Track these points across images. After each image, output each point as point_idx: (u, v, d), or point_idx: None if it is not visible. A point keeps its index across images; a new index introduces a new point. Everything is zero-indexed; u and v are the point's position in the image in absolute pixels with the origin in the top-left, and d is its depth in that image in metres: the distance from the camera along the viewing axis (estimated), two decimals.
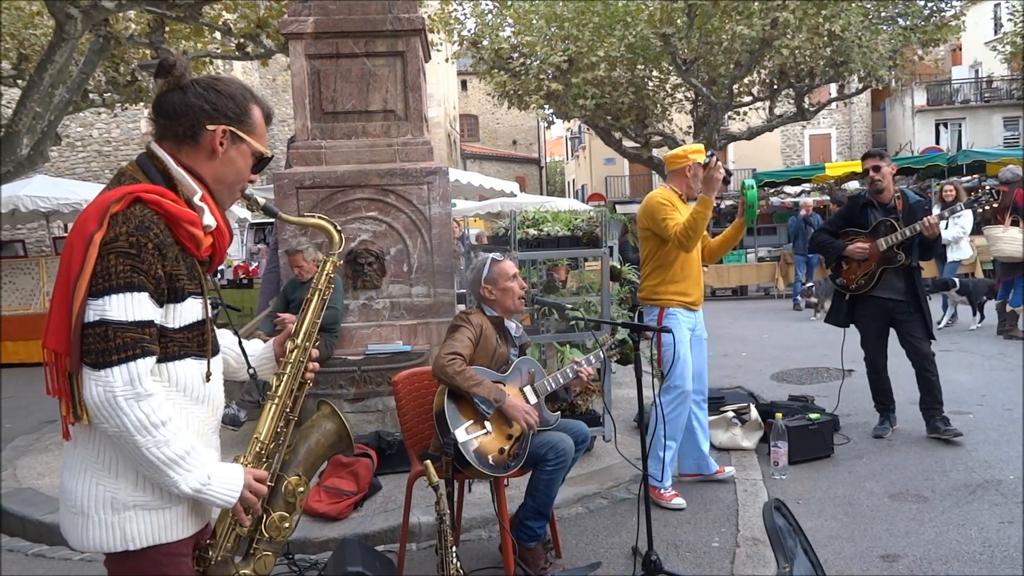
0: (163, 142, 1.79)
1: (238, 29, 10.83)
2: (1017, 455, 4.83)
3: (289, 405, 1.92)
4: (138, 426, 1.61)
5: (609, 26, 16.31)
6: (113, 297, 1.60)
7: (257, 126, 1.85)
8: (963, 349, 8.31)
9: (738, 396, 5.83)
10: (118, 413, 1.59)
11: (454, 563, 2.84)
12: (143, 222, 1.64)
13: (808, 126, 31.71)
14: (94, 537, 1.69)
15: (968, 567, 3.41)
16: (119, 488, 1.69)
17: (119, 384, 1.59)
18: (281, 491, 1.89)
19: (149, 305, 1.64)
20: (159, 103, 1.79)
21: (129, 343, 1.60)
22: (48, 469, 5.35)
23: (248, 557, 1.85)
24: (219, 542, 1.81)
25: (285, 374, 1.93)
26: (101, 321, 1.60)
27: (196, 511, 1.79)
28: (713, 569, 3.53)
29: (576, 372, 3.51)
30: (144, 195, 1.67)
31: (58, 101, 8.54)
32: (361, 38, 5.75)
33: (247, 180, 1.88)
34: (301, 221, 2.14)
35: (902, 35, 16.78)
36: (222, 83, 1.82)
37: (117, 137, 19.30)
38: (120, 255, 1.61)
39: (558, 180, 49.94)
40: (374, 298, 5.76)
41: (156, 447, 1.62)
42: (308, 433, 2.02)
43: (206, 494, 1.70)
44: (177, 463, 1.65)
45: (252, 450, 1.86)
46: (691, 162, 4.31)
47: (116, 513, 1.69)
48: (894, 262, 5.17)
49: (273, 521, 1.86)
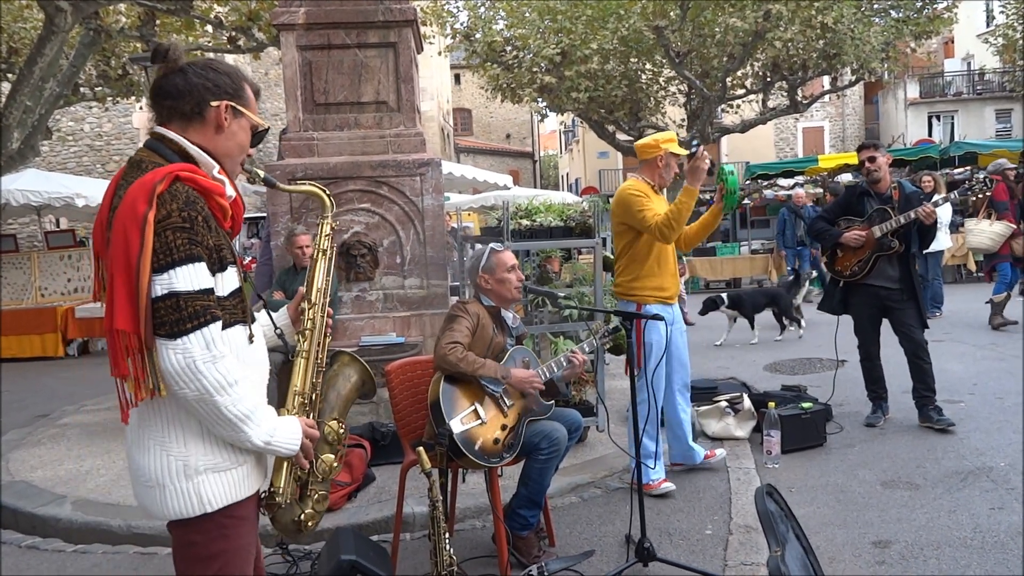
0: (170, 124, 1.86)
1: (229, 22, 10.78)
2: (1008, 443, 4.85)
3: (319, 358, 2.06)
4: (217, 386, 1.70)
5: (602, 19, 16.29)
6: (178, 270, 1.69)
7: (251, 102, 1.95)
8: (955, 339, 8.35)
9: (731, 386, 5.84)
10: (198, 377, 1.69)
11: (447, 550, 2.85)
12: (189, 197, 1.74)
13: (801, 119, 31.74)
14: (173, 506, 1.79)
15: (959, 552, 3.43)
16: (189, 455, 1.78)
17: (197, 350, 1.69)
18: (323, 435, 2.05)
19: (207, 274, 1.75)
20: (160, 86, 1.86)
21: (200, 310, 1.70)
22: (41, 462, 5.34)
23: (305, 498, 2.01)
24: (283, 488, 1.94)
25: (310, 331, 2.06)
26: (171, 293, 1.68)
27: (258, 468, 1.92)
28: (706, 556, 3.55)
29: (570, 359, 3.51)
30: (181, 173, 1.76)
31: (48, 95, 8.49)
32: (353, 29, 5.73)
33: (248, 152, 1.99)
34: (295, 189, 2.25)
35: (895, 27, 16.82)
36: (216, 63, 1.93)
37: (108, 131, 19.20)
38: (176, 230, 1.70)
39: (552, 174, 49.90)
40: (367, 290, 5.75)
41: (233, 405, 1.73)
42: (334, 381, 2.20)
43: (274, 445, 1.83)
44: (250, 418, 1.77)
45: (295, 403, 1.99)
46: (662, 151, 4.24)
47: (189, 479, 1.78)
48: (887, 249, 5.19)
49: (323, 462, 2.02)
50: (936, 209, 5.13)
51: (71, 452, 5.59)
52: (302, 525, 1.99)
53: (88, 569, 3.82)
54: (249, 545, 1.92)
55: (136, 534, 4.04)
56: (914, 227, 5.15)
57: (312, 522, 2.01)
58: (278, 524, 1.98)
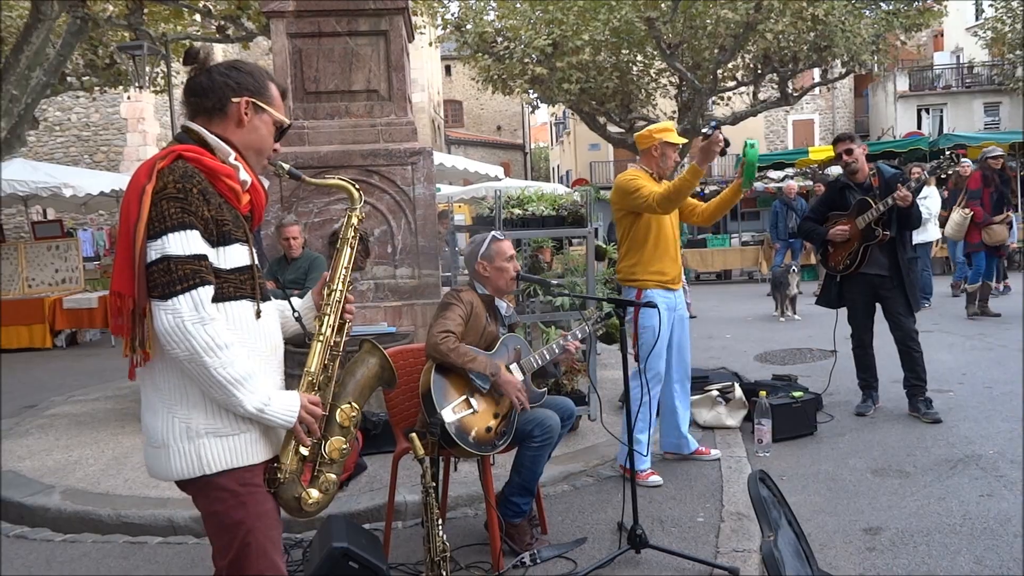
0: (197, 119, 2.01)
1: (218, 11, 10.70)
2: (996, 431, 4.89)
3: (333, 342, 2.10)
4: (205, 347, 1.80)
5: (593, 10, 16.24)
6: (170, 236, 1.81)
7: (275, 100, 2.08)
8: (944, 329, 8.40)
9: (722, 376, 5.85)
10: (187, 337, 1.79)
11: (440, 536, 2.84)
12: (186, 172, 1.87)
13: (791, 111, 31.79)
14: (175, 466, 1.89)
15: (948, 539, 3.45)
16: (192, 417, 1.88)
17: (186, 310, 1.79)
18: (336, 419, 2.08)
19: (201, 242, 1.85)
20: (189, 85, 2.02)
21: (190, 274, 1.81)
22: (29, 452, 5.31)
23: (312, 480, 2.04)
24: (285, 464, 1.98)
25: (326, 315, 2.12)
26: (164, 257, 1.81)
27: (265, 439, 1.97)
28: (698, 543, 3.55)
29: (563, 347, 3.51)
30: (185, 152, 1.91)
31: (35, 84, 8.41)
32: (343, 16, 5.68)
33: (271, 147, 2.10)
34: (322, 182, 2.30)
35: (885, 20, 16.84)
36: (241, 63, 2.08)
37: (96, 121, 19.02)
38: (171, 200, 1.83)
39: (543, 166, 49.84)
40: (358, 280, 5.72)
41: (222, 367, 1.81)
42: (354, 368, 2.23)
43: (268, 414, 1.89)
44: (241, 383, 1.84)
45: (304, 381, 2.05)
46: (656, 141, 4.29)
47: (191, 441, 1.88)
48: (874, 238, 5.20)
49: (332, 444, 2.05)
50: (918, 196, 5.15)
51: (59, 442, 5.56)
52: (303, 503, 2.01)
53: (77, 559, 3.79)
54: (271, 511, 1.98)
55: (126, 523, 4.02)
56: (893, 212, 5.15)
57: (314, 504, 2.02)
58: (280, 499, 2.01)
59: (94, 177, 13.02)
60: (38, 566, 3.74)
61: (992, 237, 8.91)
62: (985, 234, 8.93)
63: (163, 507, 4.08)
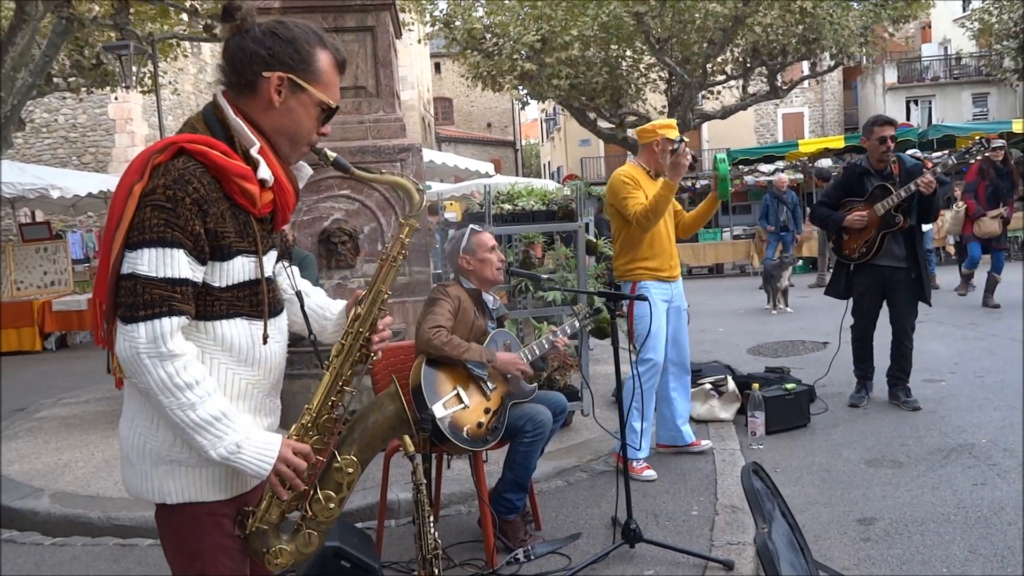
0: (228, 91, 1.70)
1: (205, 10, 10.63)
2: (988, 420, 4.89)
3: (344, 376, 1.80)
4: (161, 386, 1.55)
5: (582, 5, 16.22)
6: (145, 251, 1.54)
7: (323, 74, 1.70)
8: (936, 320, 8.41)
9: (715, 369, 5.85)
10: (142, 370, 1.55)
11: (432, 534, 2.81)
12: (183, 175, 1.56)
13: (781, 104, 31.87)
14: (135, 484, 1.70)
15: (942, 528, 3.45)
16: (157, 440, 1.65)
17: (143, 341, 1.54)
18: (332, 470, 1.78)
19: (184, 262, 1.56)
20: (225, 48, 1.69)
21: (156, 300, 1.54)
22: (18, 456, 5.26)
23: (293, 533, 1.76)
24: (261, 512, 1.72)
25: (343, 343, 1.82)
26: (132, 275, 1.55)
27: (236, 475, 1.70)
28: (692, 537, 3.54)
29: (552, 342, 3.50)
30: (188, 145, 1.59)
31: (21, 85, 8.35)
32: (330, 12, 5.64)
33: (314, 133, 1.75)
34: (378, 179, 1.99)
35: (873, 12, 16.88)
36: (284, 27, 1.68)
37: (84, 123, 18.88)
38: (156, 208, 1.54)
39: (533, 163, 49.82)
40: (348, 277, 5.69)
41: (180, 409, 1.56)
42: (368, 412, 1.89)
43: (235, 462, 1.62)
44: (204, 428, 1.58)
45: (300, 421, 1.76)
46: (658, 136, 4.29)
47: (155, 466, 1.67)
48: (893, 225, 5.10)
49: (319, 500, 1.74)
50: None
51: (48, 445, 5.51)
52: (268, 560, 1.72)
53: (67, 562, 3.76)
54: (235, 542, 1.73)
55: (116, 526, 3.98)
56: (915, 200, 5.05)
57: (280, 565, 1.73)
58: (249, 546, 1.75)
59: (82, 178, 12.93)
60: (28, 570, 3.71)
61: (982, 229, 8.94)
62: (976, 227, 8.97)
63: (153, 509, 4.04)
